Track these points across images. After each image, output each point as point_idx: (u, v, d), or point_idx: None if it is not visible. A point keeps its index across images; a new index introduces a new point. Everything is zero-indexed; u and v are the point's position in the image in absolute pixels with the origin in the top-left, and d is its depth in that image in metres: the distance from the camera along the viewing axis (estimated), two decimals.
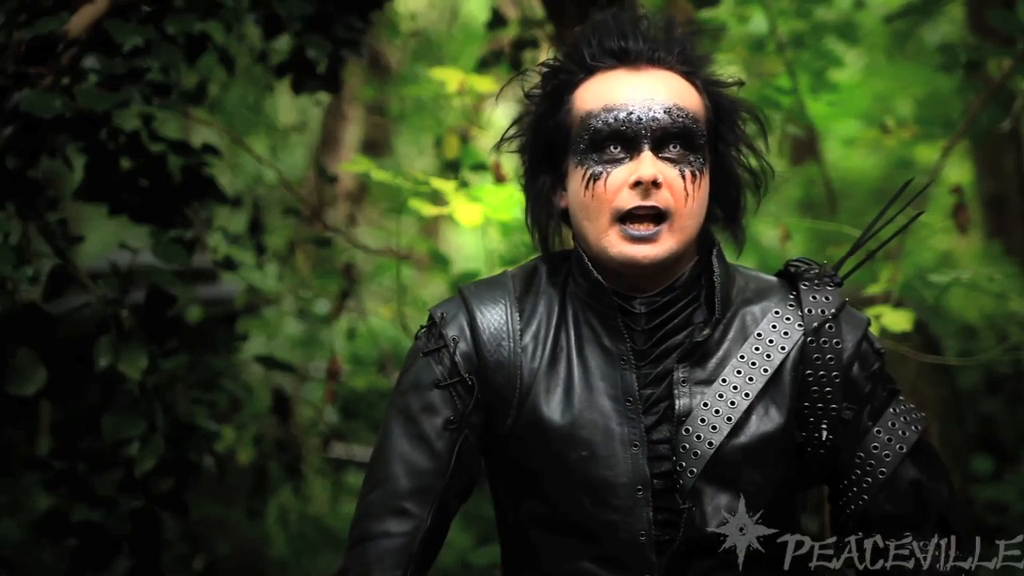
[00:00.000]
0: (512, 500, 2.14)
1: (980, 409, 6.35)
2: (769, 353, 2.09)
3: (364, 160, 3.78)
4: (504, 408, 2.10)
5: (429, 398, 2.11)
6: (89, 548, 3.59)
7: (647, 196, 2.04)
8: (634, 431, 2.06)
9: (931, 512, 2.15)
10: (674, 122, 2.05)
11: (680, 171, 2.06)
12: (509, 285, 2.15)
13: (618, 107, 2.06)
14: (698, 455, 2.04)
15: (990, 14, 4.20)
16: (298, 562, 6.00)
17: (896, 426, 2.14)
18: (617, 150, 2.06)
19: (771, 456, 2.08)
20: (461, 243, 10.12)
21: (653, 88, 2.07)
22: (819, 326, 2.11)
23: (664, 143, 2.06)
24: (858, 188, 9.54)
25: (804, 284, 2.14)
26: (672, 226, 2.05)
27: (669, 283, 2.10)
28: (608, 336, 2.09)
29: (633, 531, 2.05)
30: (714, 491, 2.05)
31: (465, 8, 8.12)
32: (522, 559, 2.14)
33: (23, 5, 3.15)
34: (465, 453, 2.11)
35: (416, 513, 2.09)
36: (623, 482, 2.05)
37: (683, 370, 2.08)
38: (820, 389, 2.10)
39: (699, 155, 2.08)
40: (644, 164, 2.04)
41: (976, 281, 3.96)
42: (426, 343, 2.15)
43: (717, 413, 2.06)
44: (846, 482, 2.14)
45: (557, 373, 2.09)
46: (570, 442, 2.07)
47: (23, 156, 3.22)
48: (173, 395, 3.46)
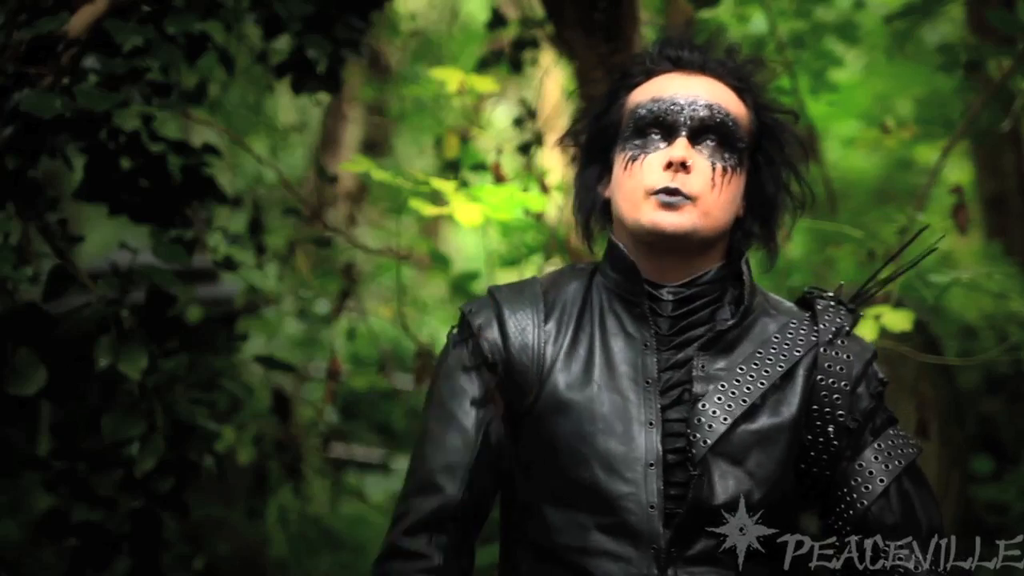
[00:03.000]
0: (525, 476, 2.22)
1: (980, 409, 6.35)
2: (784, 353, 2.22)
3: (364, 160, 3.77)
4: (527, 388, 2.21)
5: (459, 382, 2.24)
6: (89, 548, 3.59)
7: (675, 178, 2.17)
8: (650, 411, 2.17)
9: (923, 528, 2.22)
10: (713, 116, 2.20)
11: (712, 162, 2.20)
12: (535, 283, 2.30)
13: (664, 98, 2.21)
14: (711, 428, 2.14)
15: (990, 14, 4.20)
16: (298, 562, 6.01)
17: (895, 444, 2.25)
18: (657, 136, 2.21)
19: (780, 445, 2.18)
20: (461, 243, 10.13)
21: (700, 87, 2.23)
22: (832, 339, 2.23)
23: (701, 135, 2.20)
24: (858, 188, 9.55)
25: (819, 305, 2.27)
26: (698, 207, 2.18)
27: (695, 277, 2.22)
28: (633, 322, 2.21)
29: (643, 502, 2.14)
30: (723, 467, 2.14)
31: (465, 8, 8.12)
32: (528, 539, 2.21)
33: (23, 5, 3.15)
34: (493, 432, 2.22)
35: (445, 487, 2.20)
36: (636, 456, 2.15)
37: (704, 357, 2.19)
38: (830, 395, 2.21)
39: (734, 155, 2.21)
40: (677, 147, 2.18)
41: (976, 281, 3.96)
42: (454, 336, 2.28)
43: (733, 395, 2.17)
44: (844, 490, 2.23)
45: (578, 354, 2.21)
46: (587, 417, 2.17)
47: (23, 156, 3.22)
48: (173, 395, 3.46)
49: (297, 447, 5.71)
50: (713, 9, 4.23)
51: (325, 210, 4.94)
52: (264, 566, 5.94)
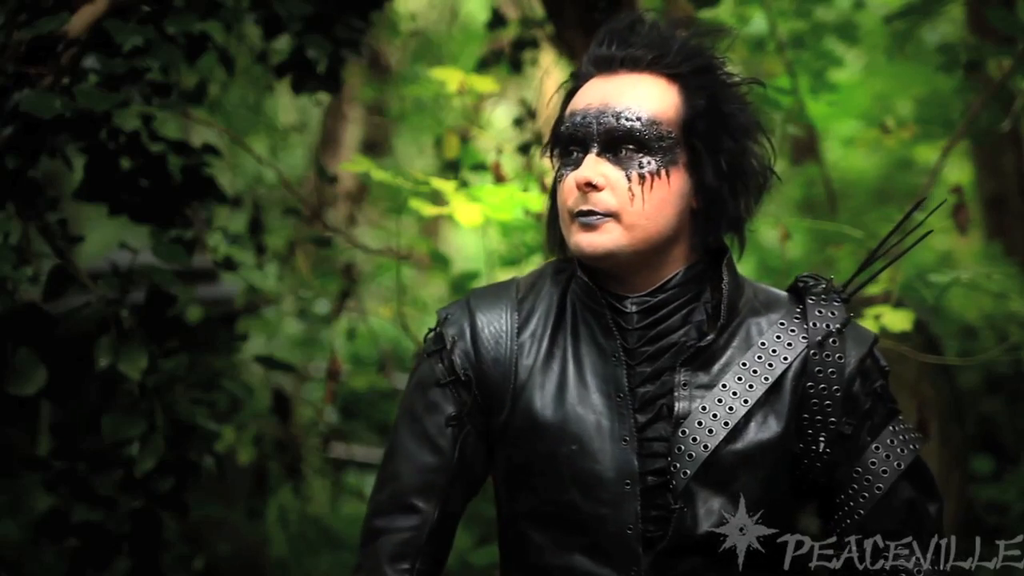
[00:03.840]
0: (507, 494, 2.18)
1: (980, 409, 6.35)
2: (771, 362, 2.12)
3: (364, 160, 3.77)
4: (500, 403, 2.16)
5: (432, 397, 2.19)
6: (89, 548, 3.59)
7: (585, 199, 2.09)
8: (623, 426, 2.10)
9: (924, 530, 2.17)
10: (620, 125, 2.08)
11: (627, 173, 2.08)
12: (512, 288, 2.21)
13: (578, 112, 2.12)
14: (692, 457, 2.07)
15: (990, 14, 4.19)
16: (298, 562, 6.00)
17: (894, 443, 2.17)
18: (576, 153, 2.12)
19: (768, 464, 2.11)
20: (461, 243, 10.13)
21: (613, 92, 2.11)
22: (823, 340, 2.14)
23: (614, 145, 2.09)
24: (858, 188, 9.55)
25: (811, 299, 2.17)
26: (621, 223, 2.08)
27: (660, 284, 2.13)
28: (602, 333, 2.13)
29: (621, 524, 2.09)
30: (708, 494, 2.08)
31: (465, 8, 8.12)
32: (517, 554, 2.18)
33: (23, 5, 3.15)
34: (468, 449, 2.17)
35: (422, 508, 2.17)
36: (611, 476, 2.09)
37: (685, 373, 2.11)
38: (820, 402, 2.13)
39: (654, 157, 2.09)
40: (583, 167, 2.10)
41: (976, 281, 3.95)
42: (429, 344, 2.22)
43: (715, 417, 2.09)
44: (842, 496, 2.17)
45: (552, 370, 2.15)
46: (561, 436, 2.11)
47: (23, 156, 3.22)
48: (173, 395, 3.46)
49: (297, 447, 5.70)
50: (713, 9, 4.22)
51: (325, 210, 4.93)
52: (264, 566, 5.94)
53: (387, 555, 2.16)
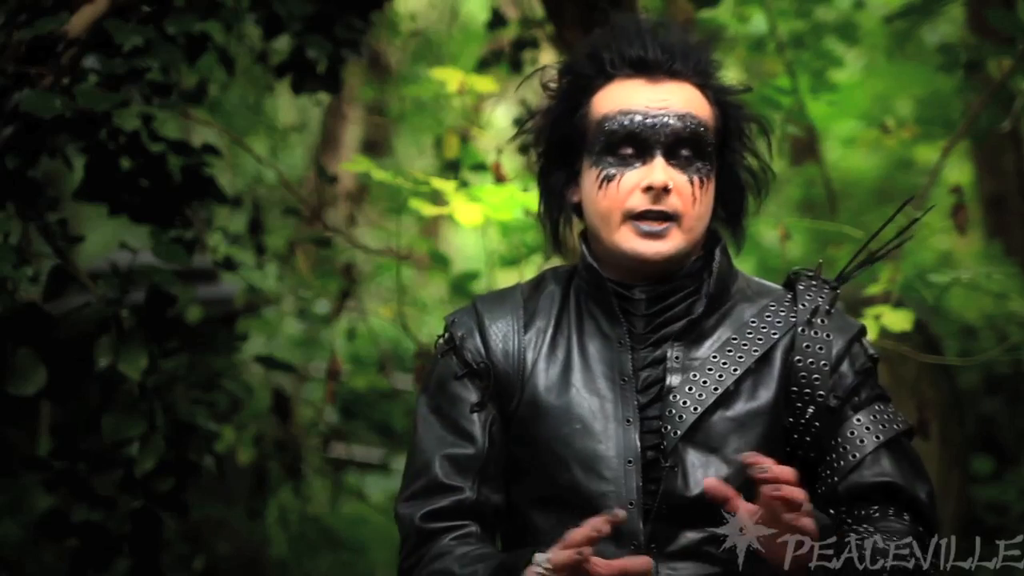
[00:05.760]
0: (515, 480, 2.23)
1: (980, 409, 6.35)
2: (760, 337, 2.21)
3: (364, 160, 3.78)
4: (510, 394, 2.22)
5: (453, 390, 2.24)
6: (89, 548, 3.59)
7: (657, 201, 2.16)
8: (627, 408, 2.17)
9: (903, 494, 2.19)
10: (685, 128, 2.16)
11: (689, 177, 2.17)
12: (517, 291, 2.30)
13: (635, 111, 2.17)
14: (682, 419, 2.14)
15: (990, 14, 4.19)
16: (298, 562, 6.01)
17: (876, 419, 2.22)
18: (630, 153, 2.17)
19: (758, 430, 2.17)
20: (461, 243, 10.12)
21: (669, 97, 2.18)
22: (810, 319, 2.22)
23: (675, 149, 2.17)
24: (858, 188, 9.55)
25: (801, 285, 2.26)
26: (681, 227, 2.17)
27: (672, 273, 2.20)
28: (607, 322, 2.21)
29: (623, 500, 2.14)
30: (698, 457, 2.15)
31: (465, 8, 8.11)
32: (518, 541, 2.21)
33: (23, 5, 3.15)
34: (495, 431, 2.22)
35: (459, 486, 2.19)
36: (614, 455, 2.15)
37: (677, 349, 2.19)
38: (808, 376, 2.20)
39: (707, 161, 2.19)
40: (656, 171, 2.16)
41: (976, 281, 3.96)
42: (440, 347, 2.29)
43: (704, 383, 2.17)
44: (826, 461, 2.21)
45: (557, 358, 2.22)
46: (565, 417, 2.18)
47: (23, 156, 3.22)
48: (173, 395, 3.46)
49: (297, 447, 5.71)
50: (713, 9, 4.23)
51: (325, 210, 4.93)
52: (264, 566, 5.94)
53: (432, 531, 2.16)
